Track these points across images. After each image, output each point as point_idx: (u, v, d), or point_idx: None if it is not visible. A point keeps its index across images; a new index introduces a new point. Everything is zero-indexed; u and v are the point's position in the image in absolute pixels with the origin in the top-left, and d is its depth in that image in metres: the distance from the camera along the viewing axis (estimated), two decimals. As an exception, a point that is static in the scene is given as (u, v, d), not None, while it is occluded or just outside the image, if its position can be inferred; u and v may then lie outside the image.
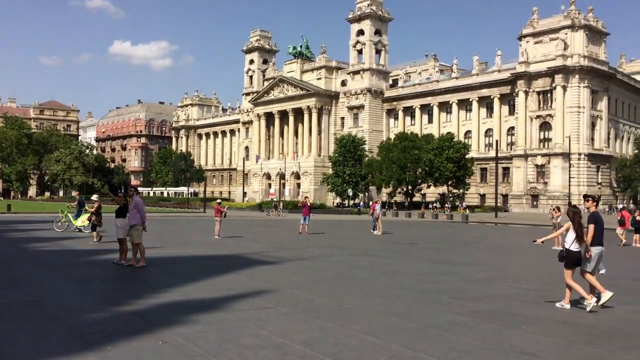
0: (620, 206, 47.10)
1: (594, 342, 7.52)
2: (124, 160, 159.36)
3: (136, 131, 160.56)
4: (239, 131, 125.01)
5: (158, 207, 77.51)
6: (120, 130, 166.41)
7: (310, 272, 14.47)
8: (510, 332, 7.97)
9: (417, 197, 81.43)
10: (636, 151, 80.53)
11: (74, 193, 78.85)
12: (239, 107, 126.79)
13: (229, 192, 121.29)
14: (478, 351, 6.89)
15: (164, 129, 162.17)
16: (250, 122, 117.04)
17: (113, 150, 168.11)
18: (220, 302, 9.74)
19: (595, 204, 10.59)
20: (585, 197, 10.99)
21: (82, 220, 24.40)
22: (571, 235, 9.82)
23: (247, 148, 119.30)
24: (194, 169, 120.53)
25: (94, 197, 22.90)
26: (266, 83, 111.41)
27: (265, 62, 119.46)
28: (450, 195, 75.93)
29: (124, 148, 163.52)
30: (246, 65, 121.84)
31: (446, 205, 73.05)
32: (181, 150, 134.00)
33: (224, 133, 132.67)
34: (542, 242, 11.24)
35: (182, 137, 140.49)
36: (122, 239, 14.52)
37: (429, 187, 77.11)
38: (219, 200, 27.34)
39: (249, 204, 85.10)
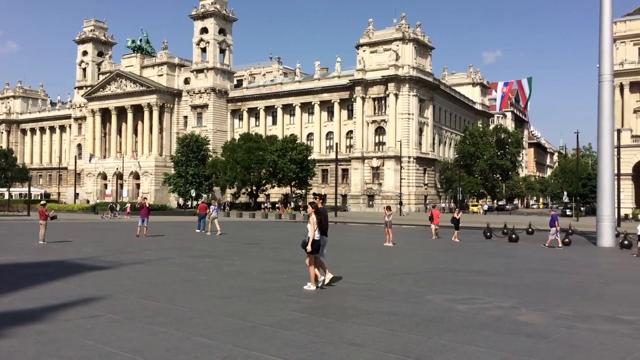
0: (431, 205, 52.42)
1: (415, 329, 8.21)
2: None
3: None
4: (70, 127, 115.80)
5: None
6: None
7: (146, 276, 13.87)
8: (342, 325, 8.39)
9: (261, 198, 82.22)
10: (456, 155, 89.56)
11: None
12: (70, 101, 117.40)
13: (59, 193, 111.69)
14: (310, 345, 7.15)
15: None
16: (84, 117, 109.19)
17: None
18: (42, 312, 8.92)
19: (321, 201, 12.55)
20: (315, 195, 12.98)
21: None
22: (314, 227, 11.49)
23: (79, 146, 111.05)
24: (17, 168, 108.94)
25: None
26: (102, 77, 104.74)
27: (100, 54, 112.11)
28: (294, 195, 77.85)
29: None
30: (79, 56, 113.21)
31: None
32: (0, 146, 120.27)
33: (52, 129, 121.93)
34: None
35: (2, 132, 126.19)
36: None
37: (273, 187, 78.29)
38: (43, 202, 25.03)
39: (81, 206, 79.05)
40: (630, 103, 63.88)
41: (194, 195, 77.04)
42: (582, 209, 70.91)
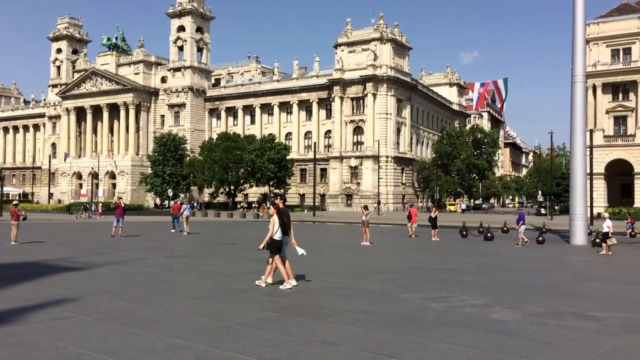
0: (409, 205, 52.84)
1: (388, 327, 8.27)
2: None
3: None
4: (44, 126, 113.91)
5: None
6: None
7: (121, 277, 13.71)
8: (316, 324, 8.41)
9: (239, 197, 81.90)
10: (433, 155, 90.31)
11: None
12: (44, 99, 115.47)
13: (32, 193, 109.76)
14: (284, 344, 7.16)
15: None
16: (58, 116, 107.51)
17: None
18: (12, 314, 8.77)
19: (283, 201, 12.51)
20: (276, 195, 12.83)
21: None
22: (276, 227, 11.54)
23: (54, 145, 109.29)
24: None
25: None
26: (77, 75, 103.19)
27: (75, 52, 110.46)
28: (272, 195, 77.69)
29: None
30: (53, 54, 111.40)
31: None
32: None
33: (26, 128, 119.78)
34: (262, 248, 11.93)
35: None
36: None
37: (251, 187, 78.04)
38: (15, 202, 24.64)
39: (55, 206, 77.84)
40: (602, 104, 65.07)
41: (171, 195, 76.36)
42: (556, 207, 72.15)
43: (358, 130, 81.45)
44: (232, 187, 76.98)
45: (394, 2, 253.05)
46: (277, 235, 11.55)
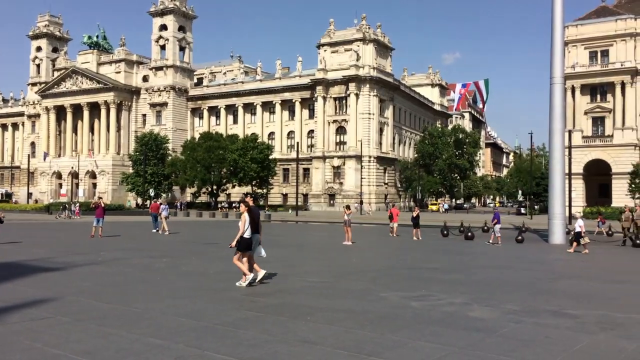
0: (390, 204, 53.22)
1: (368, 326, 8.32)
2: None
3: None
4: (23, 125, 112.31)
5: None
6: None
7: (100, 277, 13.58)
8: (296, 323, 8.43)
9: (222, 197, 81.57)
10: (416, 155, 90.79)
11: None
12: (23, 98, 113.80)
13: (11, 193, 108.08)
14: (263, 344, 7.17)
15: None
16: (38, 115, 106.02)
17: None
18: (-12, 315, 8.65)
19: (253, 200, 12.95)
20: (246, 194, 13.10)
21: None
22: (246, 225, 11.72)
23: (33, 144, 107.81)
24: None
25: None
26: (57, 73, 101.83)
27: (55, 50, 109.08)
28: (252, 195, 77.49)
29: None
30: (32, 52, 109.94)
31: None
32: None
33: (4, 126, 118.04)
34: (233, 245, 11.99)
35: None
36: None
37: (233, 187, 77.73)
38: (-7, 202, 24.24)
39: (35, 206, 76.76)
40: (581, 105, 66.03)
41: (152, 194, 75.72)
42: (536, 207, 73.01)
43: (341, 130, 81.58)
44: (214, 187, 76.64)
45: (376, 3, 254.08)
46: (247, 234, 11.72)
